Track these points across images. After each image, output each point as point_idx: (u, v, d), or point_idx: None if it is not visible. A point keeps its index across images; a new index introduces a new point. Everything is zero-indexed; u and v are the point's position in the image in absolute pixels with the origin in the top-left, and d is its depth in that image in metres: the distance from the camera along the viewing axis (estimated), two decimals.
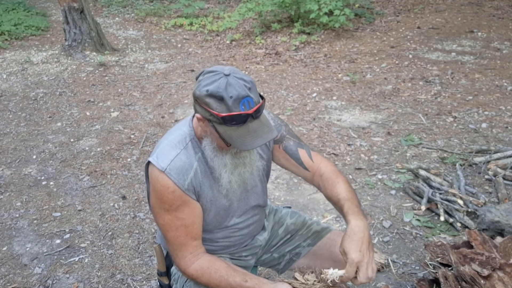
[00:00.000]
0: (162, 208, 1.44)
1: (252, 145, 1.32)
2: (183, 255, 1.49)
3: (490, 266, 1.91)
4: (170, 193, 1.41)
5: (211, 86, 1.28)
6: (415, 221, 2.87)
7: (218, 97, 1.27)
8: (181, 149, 1.45)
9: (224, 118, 1.28)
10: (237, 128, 1.30)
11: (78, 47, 6.44)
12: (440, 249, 2.24)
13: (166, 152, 1.44)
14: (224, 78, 1.29)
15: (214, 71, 1.33)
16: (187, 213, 1.46)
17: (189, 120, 1.52)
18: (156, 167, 1.41)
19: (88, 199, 3.23)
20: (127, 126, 4.32)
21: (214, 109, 1.29)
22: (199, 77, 1.36)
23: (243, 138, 1.31)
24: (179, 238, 1.47)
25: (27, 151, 3.92)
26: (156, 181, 1.42)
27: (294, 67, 5.79)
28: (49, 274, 2.54)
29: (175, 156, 1.43)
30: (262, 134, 1.33)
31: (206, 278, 1.48)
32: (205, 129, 1.41)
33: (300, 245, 1.81)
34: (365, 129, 4.08)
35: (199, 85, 1.32)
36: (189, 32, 7.62)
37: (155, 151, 1.48)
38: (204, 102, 1.30)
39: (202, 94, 1.30)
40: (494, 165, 3.30)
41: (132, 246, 2.75)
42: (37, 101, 4.99)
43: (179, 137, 1.47)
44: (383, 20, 7.50)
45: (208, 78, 1.31)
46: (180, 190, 1.41)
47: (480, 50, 5.94)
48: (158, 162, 1.42)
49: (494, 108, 4.34)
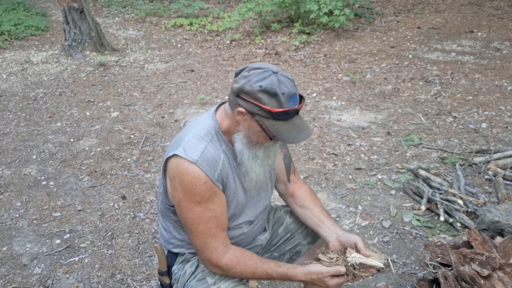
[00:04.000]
0: (193, 201, 1.44)
1: (298, 139, 1.41)
2: (214, 247, 1.49)
3: (490, 266, 1.91)
4: (202, 184, 1.42)
5: (264, 82, 1.35)
6: (415, 221, 2.87)
7: (272, 93, 1.35)
8: (208, 142, 1.47)
9: (276, 113, 1.36)
10: (284, 123, 1.39)
11: (78, 47, 6.44)
12: (440, 249, 2.24)
13: (194, 144, 1.45)
14: (273, 75, 1.36)
15: (261, 67, 1.39)
16: (217, 204, 1.48)
17: (212, 114, 1.54)
18: (186, 159, 1.42)
19: (88, 199, 3.23)
20: (127, 126, 4.32)
21: (266, 104, 1.35)
22: (243, 73, 1.41)
23: (289, 132, 1.40)
24: (210, 230, 1.48)
25: (27, 151, 3.92)
26: (186, 173, 1.42)
27: (294, 67, 5.79)
28: (49, 274, 2.54)
29: (204, 148, 1.45)
30: (304, 130, 1.43)
31: (242, 266, 1.49)
32: (243, 123, 1.44)
33: (300, 243, 1.82)
34: (365, 129, 4.08)
35: (249, 80, 1.37)
36: (189, 32, 7.62)
37: (178, 144, 1.48)
38: (255, 97, 1.36)
39: (254, 89, 1.36)
40: (494, 165, 3.30)
41: (132, 246, 2.75)
42: (37, 101, 4.99)
43: (205, 130, 1.49)
44: (383, 20, 7.50)
45: (258, 75, 1.37)
46: (211, 181, 1.44)
47: (480, 50, 5.94)
48: (187, 154, 1.43)
49: (494, 108, 4.34)
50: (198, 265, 1.62)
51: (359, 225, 2.87)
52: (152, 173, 3.52)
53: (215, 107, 1.56)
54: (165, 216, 1.65)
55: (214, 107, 1.57)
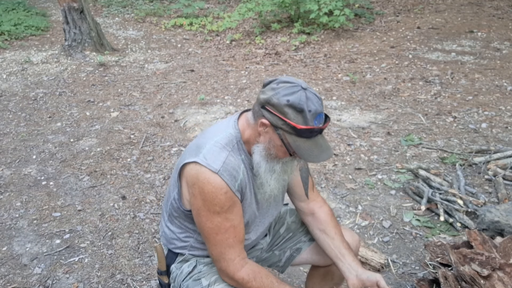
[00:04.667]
0: (212, 210, 1.43)
1: (319, 159, 1.39)
2: (231, 258, 1.48)
3: (490, 266, 1.91)
4: (222, 194, 1.41)
5: (292, 97, 1.33)
6: (415, 221, 2.87)
7: (299, 109, 1.33)
8: (229, 151, 1.45)
9: (300, 130, 1.33)
10: (306, 140, 1.37)
11: (78, 47, 6.44)
12: (440, 249, 2.24)
13: (216, 153, 1.44)
14: (302, 91, 1.34)
15: (290, 82, 1.37)
16: (235, 214, 1.47)
17: (234, 122, 1.51)
18: (207, 168, 1.41)
19: (88, 199, 3.23)
20: (127, 126, 4.32)
21: (291, 120, 1.33)
22: (272, 85, 1.39)
23: (311, 150, 1.38)
24: (228, 240, 1.47)
25: (27, 151, 3.92)
26: (207, 182, 1.41)
27: (294, 67, 5.79)
28: (49, 274, 2.54)
29: (226, 157, 1.43)
30: (326, 149, 1.40)
31: (258, 283, 1.48)
32: (265, 135, 1.42)
33: (300, 240, 1.82)
34: (365, 129, 4.08)
35: (277, 93, 1.35)
36: (189, 32, 7.62)
37: (197, 151, 1.46)
38: (281, 111, 1.34)
39: (281, 103, 1.33)
40: (494, 165, 3.30)
41: (132, 246, 2.75)
42: (37, 101, 4.99)
43: (227, 139, 1.47)
44: (383, 20, 7.50)
45: (287, 89, 1.34)
46: (231, 191, 1.43)
47: (480, 50, 5.94)
48: (209, 163, 1.41)
49: (494, 108, 4.35)
50: (196, 266, 1.63)
51: (359, 225, 2.87)
52: (152, 173, 3.52)
53: (238, 115, 1.54)
54: (172, 218, 1.64)
55: (237, 115, 1.54)
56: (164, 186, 3.35)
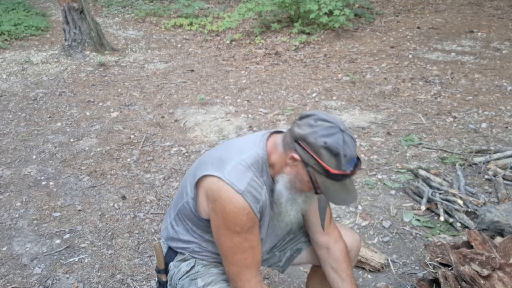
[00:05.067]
0: (232, 230, 1.42)
1: (345, 202, 1.39)
2: (248, 279, 1.47)
3: (490, 266, 1.91)
4: (244, 215, 1.40)
5: (330, 139, 1.31)
6: (415, 221, 2.87)
7: (335, 153, 1.31)
8: (254, 172, 1.44)
9: (333, 174, 1.32)
10: (335, 182, 1.35)
11: (78, 47, 6.44)
12: (440, 249, 2.24)
13: (241, 172, 1.42)
14: (340, 133, 1.32)
15: (329, 121, 1.34)
16: (255, 234, 1.47)
17: (263, 142, 1.48)
18: (231, 187, 1.39)
19: (88, 199, 3.23)
20: (127, 126, 4.32)
21: (325, 162, 1.32)
22: (309, 120, 1.36)
23: (338, 193, 1.37)
24: (246, 260, 1.46)
25: (27, 151, 3.92)
26: (230, 202, 1.39)
27: (294, 67, 5.79)
28: (49, 274, 2.54)
29: (251, 178, 1.42)
30: (352, 192, 1.40)
31: None
32: (292, 168, 1.40)
33: (301, 240, 1.83)
34: (365, 129, 4.08)
35: (315, 132, 1.32)
36: (189, 32, 7.62)
37: (221, 166, 1.44)
38: (316, 151, 1.32)
39: (318, 144, 1.31)
40: (494, 165, 3.30)
41: (132, 246, 2.75)
42: (37, 101, 4.99)
43: (253, 159, 1.45)
44: (383, 20, 7.50)
45: (325, 129, 1.32)
46: (253, 212, 1.42)
47: (480, 50, 5.94)
48: (233, 183, 1.40)
49: (494, 108, 4.35)
50: (194, 266, 1.63)
51: (359, 225, 2.87)
52: (152, 173, 3.52)
53: (267, 135, 1.51)
54: (180, 219, 1.63)
55: (266, 134, 1.51)
56: (164, 186, 3.35)
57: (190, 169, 1.63)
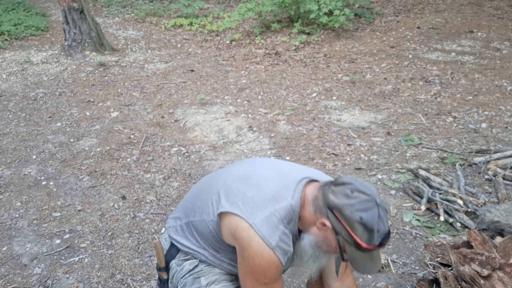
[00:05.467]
0: (260, 281, 1.43)
1: (370, 271, 1.40)
2: None
3: (490, 266, 1.91)
4: (274, 268, 1.41)
5: (365, 215, 1.30)
6: (415, 221, 2.87)
7: (369, 229, 1.30)
8: (285, 225, 1.43)
9: (363, 248, 1.32)
10: (363, 253, 1.35)
11: (78, 47, 6.43)
12: (440, 249, 2.25)
13: (274, 225, 1.40)
14: (376, 208, 1.31)
15: (366, 193, 1.33)
16: (280, 282, 1.47)
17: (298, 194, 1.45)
18: (263, 241, 1.38)
19: (88, 199, 3.23)
20: (126, 126, 4.32)
21: (358, 236, 1.31)
22: (346, 190, 1.34)
23: (364, 263, 1.38)
24: None
25: (27, 151, 3.92)
26: (261, 256, 1.39)
27: (294, 67, 5.79)
28: (49, 274, 2.54)
29: (282, 231, 1.41)
30: (377, 262, 1.40)
31: None
32: (321, 232, 1.39)
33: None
34: (365, 129, 4.08)
35: (351, 205, 1.31)
36: (189, 32, 7.62)
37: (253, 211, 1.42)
38: (351, 225, 1.31)
39: (353, 218, 1.30)
40: (494, 165, 3.30)
41: (132, 246, 2.75)
42: (37, 101, 4.99)
43: (286, 211, 1.43)
44: (383, 20, 7.50)
45: (362, 203, 1.31)
46: (282, 265, 1.42)
47: (480, 50, 5.94)
48: (265, 236, 1.38)
49: (494, 108, 4.35)
50: (197, 265, 1.63)
51: None
52: (152, 173, 3.52)
53: (304, 183, 1.47)
54: (197, 234, 1.60)
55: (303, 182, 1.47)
56: (164, 186, 3.35)
57: (213, 182, 1.59)
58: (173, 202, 3.18)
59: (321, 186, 1.43)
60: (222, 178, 1.59)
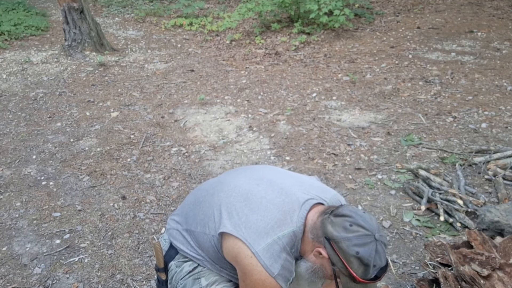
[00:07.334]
0: None
1: None
2: None
3: (490, 266, 1.91)
4: None
5: (362, 250, 1.29)
6: (415, 221, 2.87)
7: (365, 263, 1.30)
8: (288, 252, 1.43)
9: (358, 281, 1.31)
10: (357, 285, 1.35)
11: (78, 47, 6.43)
12: (440, 249, 2.24)
13: (276, 254, 1.40)
14: (374, 243, 1.30)
15: (365, 227, 1.32)
16: None
17: (301, 220, 1.44)
18: (265, 270, 1.38)
19: (88, 199, 3.23)
20: (127, 126, 4.32)
21: (353, 270, 1.30)
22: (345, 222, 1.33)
23: None
24: None
25: (27, 151, 3.92)
26: (262, 284, 1.39)
27: (294, 67, 5.79)
28: (49, 274, 2.54)
29: (285, 259, 1.41)
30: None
31: None
32: (319, 260, 1.39)
33: None
34: (365, 129, 4.08)
35: (348, 239, 1.30)
36: (189, 32, 7.62)
37: (257, 237, 1.41)
38: (347, 258, 1.31)
39: (349, 252, 1.30)
40: (494, 165, 3.30)
41: (132, 246, 2.75)
42: (36, 101, 4.99)
43: (289, 238, 1.43)
44: (383, 20, 7.50)
45: (360, 238, 1.30)
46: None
47: (480, 50, 5.94)
48: (267, 265, 1.38)
49: (494, 108, 4.35)
50: (197, 267, 1.63)
51: None
52: (152, 173, 3.52)
53: (308, 207, 1.47)
54: (197, 244, 1.61)
55: (307, 205, 1.47)
56: (164, 186, 3.35)
57: (215, 195, 1.57)
58: (173, 202, 3.18)
59: (322, 213, 1.42)
60: (224, 191, 1.57)
